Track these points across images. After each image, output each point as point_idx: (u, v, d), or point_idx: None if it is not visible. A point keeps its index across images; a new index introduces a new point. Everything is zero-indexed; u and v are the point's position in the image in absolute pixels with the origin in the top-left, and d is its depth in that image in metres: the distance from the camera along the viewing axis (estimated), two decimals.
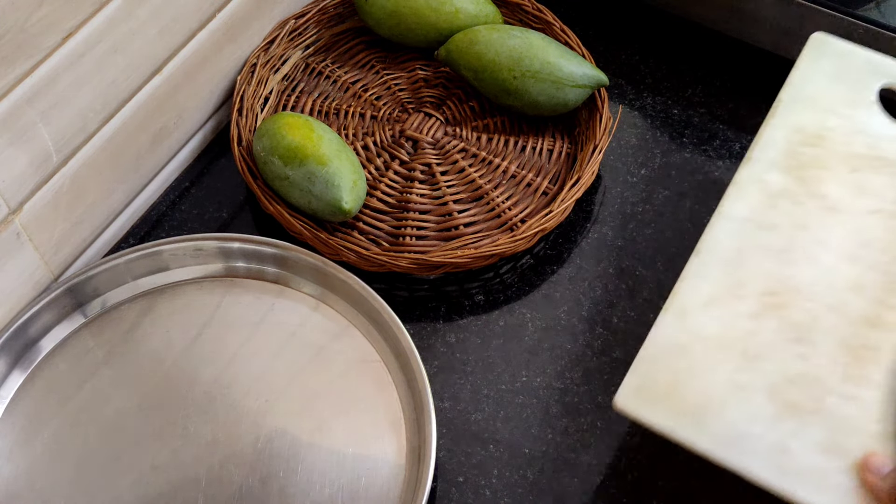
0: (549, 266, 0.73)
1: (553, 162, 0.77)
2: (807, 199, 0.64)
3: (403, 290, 0.72)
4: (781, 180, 0.65)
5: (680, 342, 0.59)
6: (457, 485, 0.63)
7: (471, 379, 0.67)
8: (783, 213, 0.64)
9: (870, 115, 0.68)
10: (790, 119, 0.68)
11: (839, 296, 0.60)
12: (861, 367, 0.58)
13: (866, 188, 0.65)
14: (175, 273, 0.70)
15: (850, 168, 0.65)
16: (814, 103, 0.69)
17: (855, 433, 0.55)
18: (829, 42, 0.72)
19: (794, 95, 0.69)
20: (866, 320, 0.59)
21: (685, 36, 0.86)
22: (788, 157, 0.66)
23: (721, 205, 0.64)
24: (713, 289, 0.60)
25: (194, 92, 0.75)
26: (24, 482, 0.61)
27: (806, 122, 0.68)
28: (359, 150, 0.77)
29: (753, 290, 0.60)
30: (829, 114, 0.68)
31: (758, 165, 0.66)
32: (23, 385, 0.65)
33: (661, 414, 0.56)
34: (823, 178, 0.65)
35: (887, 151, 0.66)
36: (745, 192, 0.65)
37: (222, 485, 0.61)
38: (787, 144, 0.67)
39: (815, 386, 0.57)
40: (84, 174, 0.67)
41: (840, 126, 0.67)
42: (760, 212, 0.64)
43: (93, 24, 0.62)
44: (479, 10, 0.80)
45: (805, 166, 0.66)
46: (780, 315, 0.59)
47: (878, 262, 0.61)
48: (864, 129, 0.67)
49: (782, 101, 0.69)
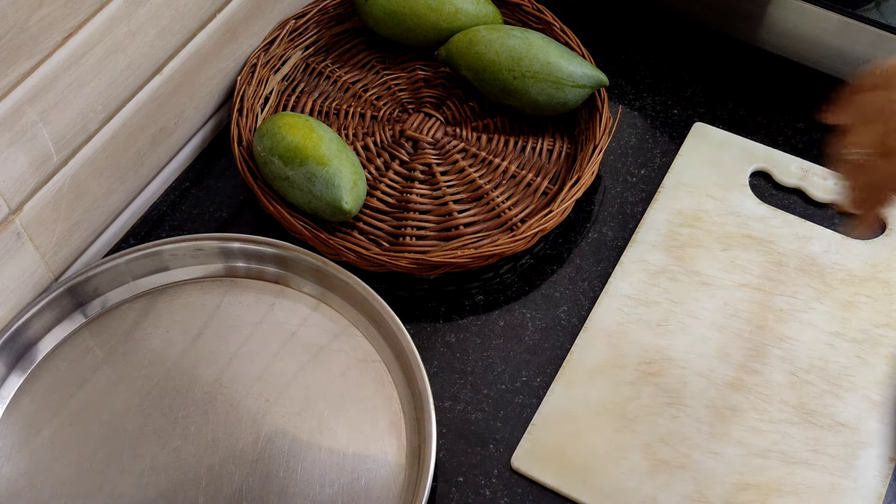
0: (549, 266, 0.73)
1: (553, 162, 0.77)
2: (683, 275, 0.71)
3: (403, 290, 0.72)
4: (661, 259, 0.72)
5: (568, 409, 0.65)
6: (457, 485, 0.63)
7: (471, 379, 0.67)
8: (662, 289, 0.70)
9: (742, 197, 0.75)
10: (671, 203, 0.75)
11: (707, 362, 0.67)
12: (724, 426, 0.64)
13: (736, 264, 0.71)
14: (175, 273, 0.70)
15: (722, 246, 0.72)
16: (693, 188, 0.76)
17: (716, 485, 0.62)
18: (709, 131, 0.79)
19: (675, 181, 0.76)
20: (730, 383, 0.66)
21: (685, 36, 0.86)
22: (668, 238, 0.73)
23: (608, 284, 0.71)
24: (597, 360, 0.67)
25: (194, 92, 0.76)
26: (24, 482, 0.61)
27: (685, 205, 0.75)
28: (359, 150, 0.77)
29: (633, 360, 0.67)
30: (706, 197, 0.75)
31: (641, 247, 0.73)
32: (23, 385, 0.65)
33: (550, 473, 0.62)
34: (698, 256, 0.72)
35: (755, 230, 0.73)
36: (629, 271, 0.71)
37: (222, 485, 0.61)
38: (667, 226, 0.74)
39: (684, 443, 0.63)
40: (84, 174, 0.68)
41: (715, 208, 0.75)
42: (641, 290, 0.70)
43: (93, 24, 0.62)
44: (479, 10, 0.80)
45: (683, 246, 0.73)
46: (656, 381, 0.66)
47: (742, 331, 0.68)
48: (735, 210, 0.74)
49: (665, 186, 0.76)
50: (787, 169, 0.77)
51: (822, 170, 0.76)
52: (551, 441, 0.64)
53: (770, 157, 0.77)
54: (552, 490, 0.62)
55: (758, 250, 0.72)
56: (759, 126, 0.81)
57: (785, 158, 0.77)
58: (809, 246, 0.72)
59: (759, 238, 0.73)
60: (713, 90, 0.83)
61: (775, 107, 0.82)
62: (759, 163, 0.77)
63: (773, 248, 0.72)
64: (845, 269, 0.71)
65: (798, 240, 0.73)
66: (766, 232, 0.73)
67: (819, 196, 0.75)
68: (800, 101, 0.82)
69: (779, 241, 0.72)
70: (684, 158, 0.77)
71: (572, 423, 0.64)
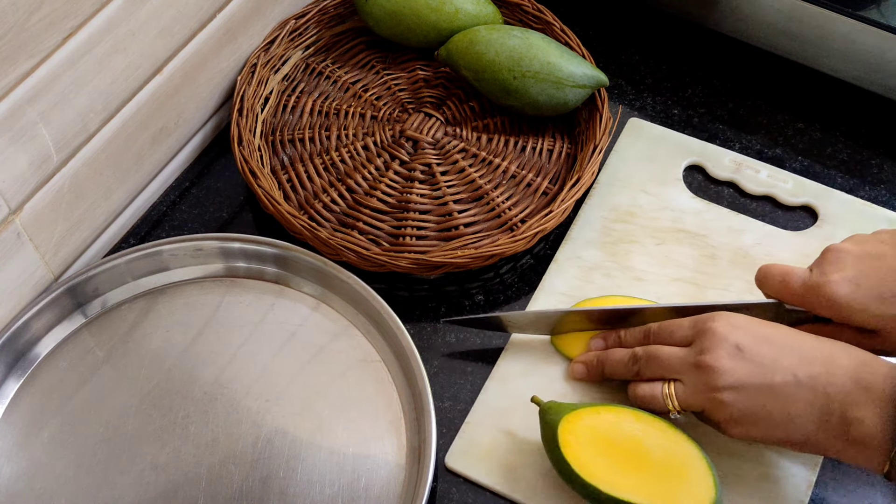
0: (549, 266, 0.73)
1: (553, 162, 0.77)
2: (617, 271, 0.71)
3: (403, 290, 0.72)
4: (596, 255, 0.72)
5: (502, 407, 0.65)
6: (457, 485, 0.63)
7: (471, 379, 0.67)
8: (596, 286, 0.70)
9: (676, 191, 0.76)
10: (606, 199, 0.75)
11: None
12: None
13: (669, 258, 0.72)
14: (175, 273, 0.70)
15: (656, 241, 0.73)
16: (627, 183, 0.76)
17: None
18: (644, 126, 0.79)
19: (610, 176, 0.76)
20: None
21: (685, 36, 0.86)
22: (603, 234, 0.73)
23: (543, 281, 0.71)
24: (531, 358, 0.67)
25: (194, 92, 0.76)
26: (24, 482, 0.61)
27: (619, 201, 0.75)
28: (359, 149, 0.77)
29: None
30: (640, 192, 0.76)
31: (576, 243, 0.73)
32: (23, 385, 0.65)
33: (484, 471, 0.63)
34: (632, 252, 0.72)
35: (689, 224, 0.74)
36: (563, 268, 0.72)
37: (222, 485, 0.61)
38: (602, 222, 0.74)
39: None
40: (84, 174, 0.67)
41: (649, 203, 0.75)
42: (576, 286, 0.71)
43: (93, 24, 0.62)
44: (479, 10, 0.80)
45: (617, 241, 0.73)
46: None
47: None
48: (669, 205, 0.75)
49: (600, 182, 0.76)
50: (721, 162, 0.77)
51: (755, 162, 0.77)
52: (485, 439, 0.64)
53: (704, 151, 0.78)
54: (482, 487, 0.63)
55: (691, 244, 0.72)
56: (760, 126, 0.81)
57: (718, 152, 0.78)
58: (742, 238, 0.73)
59: (693, 232, 0.73)
60: (713, 90, 0.83)
61: (776, 107, 0.82)
62: (694, 157, 0.77)
63: (706, 242, 0.73)
64: (777, 260, 0.71)
65: (731, 232, 0.73)
66: (699, 226, 0.73)
67: (752, 189, 0.76)
68: (800, 102, 0.82)
69: (712, 235, 0.73)
70: (619, 153, 0.78)
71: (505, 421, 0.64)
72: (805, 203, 0.75)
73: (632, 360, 0.62)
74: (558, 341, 0.67)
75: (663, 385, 0.59)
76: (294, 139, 0.78)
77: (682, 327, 0.60)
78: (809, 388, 0.55)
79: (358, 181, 0.75)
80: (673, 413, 0.59)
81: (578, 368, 0.65)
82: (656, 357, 0.60)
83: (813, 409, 0.55)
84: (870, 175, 0.78)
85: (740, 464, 0.62)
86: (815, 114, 0.81)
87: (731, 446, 0.62)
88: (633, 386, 0.62)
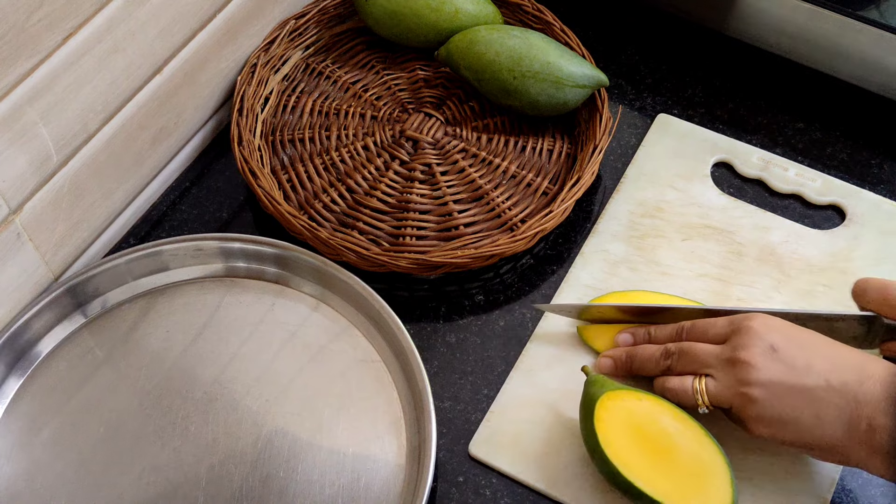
0: (549, 266, 0.73)
1: (553, 162, 0.77)
2: (643, 265, 0.71)
3: (403, 290, 0.72)
4: (622, 249, 0.72)
5: (526, 397, 0.65)
6: (457, 485, 0.63)
7: (471, 379, 0.67)
8: (622, 279, 0.71)
9: (703, 188, 0.76)
10: (633, 194, 0.75)
11: None
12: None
13: (696, 254, 0.72)
14: (175, 273, 0.70)
15: (683, 236, 0.73)
16: (655, 178, 0.76)
17: None
18: (672, 122, 0.79)
19: (638, 171, 0.77)
20: None
21: (685, 36, 0.86)
22: (629, 228, 0.73)
23: (569, 273, 0.71)
24: (557, 350, 0.68)
25: (194, 92, 0.76)
26: (24, 482, 0.61)
27: (647, 196, 0.75)
28: (359, 149, 0.77)
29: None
30: (668, 188, 0.76)
31: (602, 237, 0.73)
32: (23, 385, 0.65)
33: (507, 459, 0.63)
34: (659, 246, 0.73)
35: (716, 221, 0.74)
36: (589, 261, 0.72)
37: (222, 485, 0.61)
38: (629, 217, 0.74)
39: None
40: (84, 174, 0.68)
41: (677, 199, 0.75)
42: (601, 279, 0.71)
43: (93, 24, 0.62)
44: (479, 10, 0.80)
45: (644, 236, 0.73)
46: None
47: None
48: (696, 201, 0.75)
49: (627, 176, 0.76)
50: (749, 160, 0.77)
51: (783, 160, 0.77)
52: (510, 428, 0.64)
53: (732, 148, 0.78)
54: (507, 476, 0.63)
55: (718, 240, 0.72)
56: (760, 126, 0.81)
57: (747, 149, 0.78)
58: (769, 236, 0.73)
59: (720, 228, 0.73)
60: (713, 90, 0.83)
61: (776, 107, 0.82)
62: (722, 154, 0.77)
63: (733, 238, 0.73)
64: (804, 259, 0.71)
65: (758, 230, 0.73)
66: (726, 222, 0.74)
67: (779, 187, 0.76)
68: (800, 102, 0.82)
69: (739, 232, 0.73)
70: (647, 149, 0.78)
71: (529, 411, 0.65)
72: (833, 202, 0.75)
73: (663, 356, 0.62)
74: (585, 332, 0.68)
75: (694, 379, 0.60)
76: (294, 139, 0.78)
77: (718, 325, 0.61)
78: (840, 394, 0.55)
79: (358, 181, 0.75)
80: (702, 408, 0.59)
81: (606, 363, 0.65)
82: (690, 353, 0.60)
83: (842, 414, 0.55)
84: (870, 175, 0.78)
85: (766, 460, 0.62)
86: (815, 114, 0.81)
87: (757, 442, 0.62)
88: (662, 379, 0.62)
